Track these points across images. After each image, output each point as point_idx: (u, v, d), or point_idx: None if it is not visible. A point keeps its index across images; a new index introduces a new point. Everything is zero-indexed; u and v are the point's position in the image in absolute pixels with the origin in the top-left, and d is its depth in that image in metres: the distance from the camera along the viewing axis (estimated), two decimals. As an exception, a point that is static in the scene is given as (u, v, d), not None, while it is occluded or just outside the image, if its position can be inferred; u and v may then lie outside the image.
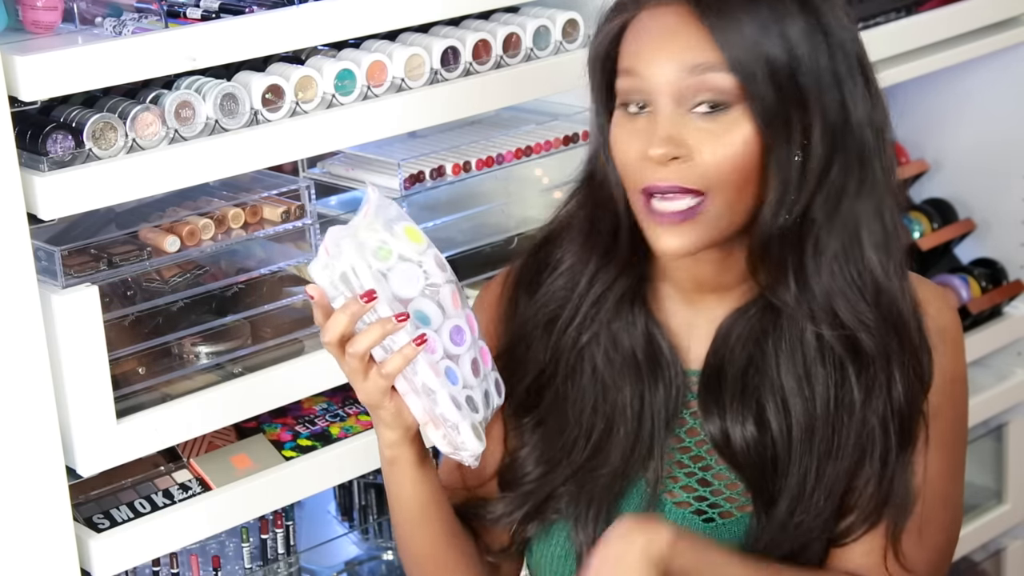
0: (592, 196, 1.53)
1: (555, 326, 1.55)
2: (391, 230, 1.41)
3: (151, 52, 1.63)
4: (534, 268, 1.59)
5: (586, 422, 1.53)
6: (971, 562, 2.79)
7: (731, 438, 1.47)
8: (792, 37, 1.39)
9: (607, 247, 1.51)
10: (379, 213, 1.42)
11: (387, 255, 1.40)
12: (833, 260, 1.44)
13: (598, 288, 1.52)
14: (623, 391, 1.52)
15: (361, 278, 1.38)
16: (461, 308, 1.44)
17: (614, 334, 1.52)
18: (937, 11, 2.44)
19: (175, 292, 1.78)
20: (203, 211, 1.79)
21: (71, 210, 1.61)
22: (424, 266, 1.41)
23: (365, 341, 1.37)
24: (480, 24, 1.95)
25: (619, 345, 1.52)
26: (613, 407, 1.52)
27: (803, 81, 1.39)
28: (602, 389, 1.53)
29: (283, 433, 1.91)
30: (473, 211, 2.02)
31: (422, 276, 1.41)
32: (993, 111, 2.72)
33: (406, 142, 2.03)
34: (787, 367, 1.47)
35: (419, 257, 1.42)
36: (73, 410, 1.63)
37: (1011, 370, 2.74)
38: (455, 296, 1.43)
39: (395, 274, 1.40)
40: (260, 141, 1.73)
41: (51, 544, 1.63)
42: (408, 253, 1.41)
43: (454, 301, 1.43)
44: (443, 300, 1.42)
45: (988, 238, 2.77)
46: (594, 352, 1.53)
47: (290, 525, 1.96)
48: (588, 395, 1.53)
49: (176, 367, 1.79)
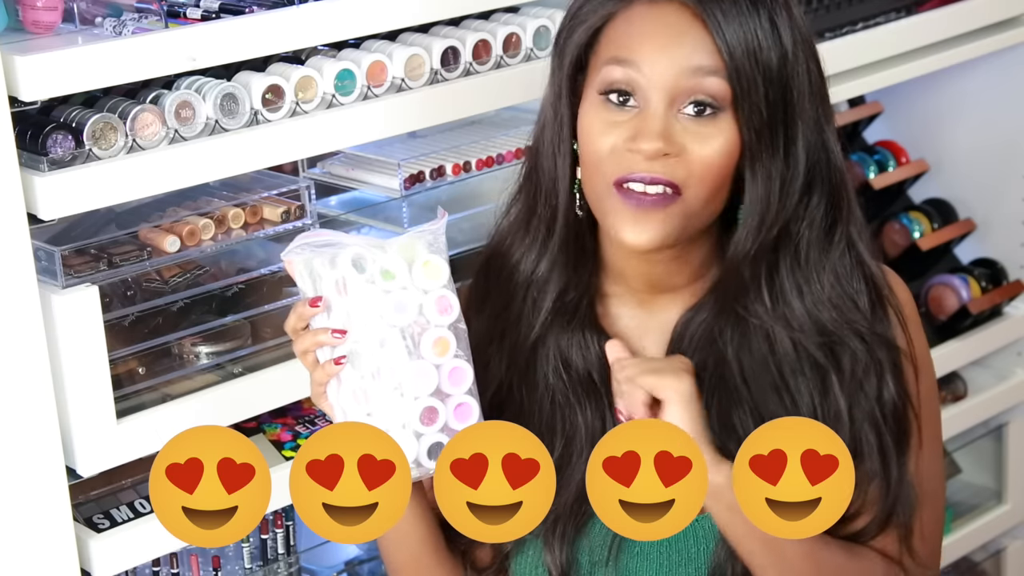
0: (532, 197, 1.53)
1: (506, 337, 1.55)
2: (413, 258, 1.43)
3: (151, 52, 1.63)
4: (483, 285, 1.59)
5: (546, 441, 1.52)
6: (971, 562, 2.79)
7: None
8: (789, 48, 1.40)
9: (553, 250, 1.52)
10: (424, 236, 1.44)
11: (390, 278, 1.42)
12: (819, 271, 1.44)
13: (548, 296, 1.52)
14: (582, 412, 1.52)
15: (322, 282, 1.41)
16: (449, 356, 1.43)
17: (564, 353, 1.52)
18: (937, 11, 2.44)
19: (175, 292, 1.78)
20: (203, 211, 1.79)
21: (71, 210, 1.61)
22: (424, 302, 1.43)
23: (302, 343, 1.44)
24: (480, 24, 1.95)
25: (572, 366, 1.52)
26: (574, 428, 1.52)
27: (793, 95, 1.41)
28: (558, 408, 1.53)
29: (283, 433, 1.91)
30: (473, 211, 2.02)
31: (414, 310, 1.42)
32: (993, 111, 2.72)
33: (406, 142, 2.03)
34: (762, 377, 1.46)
35: (425, 293, 1.43)
36: (73, 410, 1.63)
37: (1011, 370, 2.74)
38: (443, 342, 1.43)
39: (389, 298, 1.42)
40: (260, 141, 1.73)
41: (51, 544, 1.63)
42: (417, 285, 1.43)
43: (438, 346, 1.43)
44: (424, 342, 1.42)
45: (988, 238, 2.77)
46: (544, 368, 1.53)
47: (290, 525, 1.96)
48: (544, 412, 1.53)
49: (176, 367, 1.79)
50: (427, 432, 1.43)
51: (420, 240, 1.44)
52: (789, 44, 1.40)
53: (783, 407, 1.46)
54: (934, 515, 1.54)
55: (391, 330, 1.41)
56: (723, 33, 1.38)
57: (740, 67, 1.38)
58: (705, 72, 1.39)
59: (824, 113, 1.45)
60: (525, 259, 1.54)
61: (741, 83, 1.38)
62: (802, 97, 1.41)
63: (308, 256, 1.43)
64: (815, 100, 1.43)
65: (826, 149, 1.45)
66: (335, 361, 1.41)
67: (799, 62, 1.41)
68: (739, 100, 1.39)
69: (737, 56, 1.38)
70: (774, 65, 1.39)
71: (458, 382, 1.44)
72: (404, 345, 1.41)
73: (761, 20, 1.39)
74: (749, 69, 1.38)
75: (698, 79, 1.39)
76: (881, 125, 2.73)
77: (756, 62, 1.38)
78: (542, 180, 1.52)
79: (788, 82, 1.40)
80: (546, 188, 1.51)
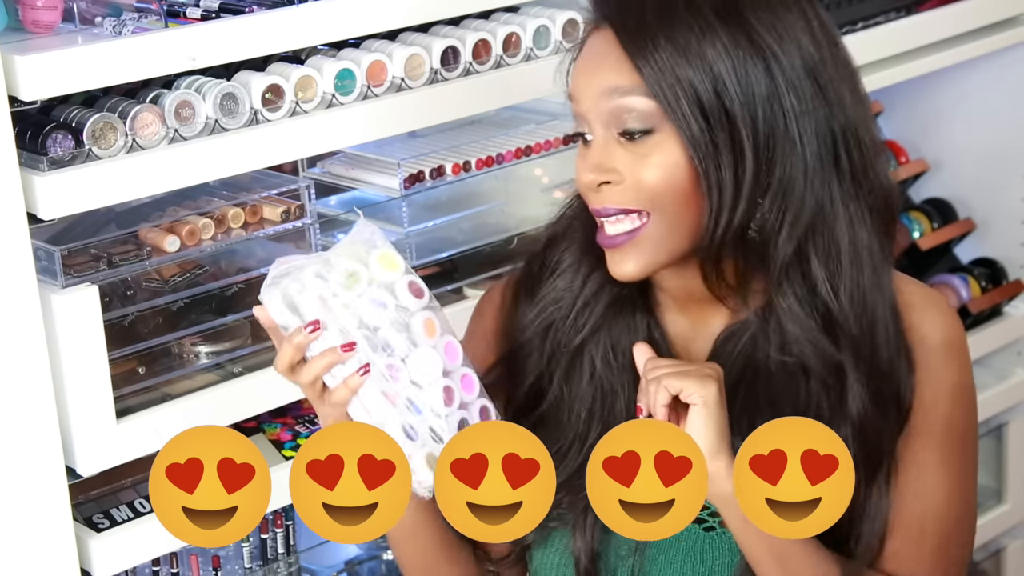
0: None
1: (551, 330, 1.54)
2: (366, 257, 1.40)
3: (151, 52, 1.63)
4: (535, 272, 1.58)
5: (583, 427, 1.52)
6: (971, 562, 2.78)
7: None
8: (712, 56, 1.36)
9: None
10: (358, 237, 1.42)
11: (355, 281, 1.39)
12: (783, 280, 1.42)
13: (594, 288, 1.51)
14: (622, 396, 1.51)
15: (306, 306, 1.38)
16: (438, 336, 1.42)
17: (614, 337, 1.52)
18: (937, 11, 2.44)
19: (175, 292, 1.78)
20: (203, 211, 1.79)
21: (71, 210, 1.61)
22: (396, 293, 1.40)
23: (311, 371, 1.38)
24: (480, 24, 1.95)
25: (619, 349, 1.52)
26: (611, 412, 1.51)
27: (728, 101, 1.37)
28: (600, 394, 1.52)
29: (283, 433, 1.91)
30: (473, 211, 2.02)
31: (391, 302, 1.40)
32: (993, 111, 2.72)
33: (406, 142, 2.03)
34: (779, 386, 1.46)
35: (391, 283, 1.40)
36: (73, 410, 1.63)
37: (1011, 370, 2.74)
38: (430, 323, 1.41)
39: (363, 301, 1.39)
40: (260, 141, 1.73)
41: (51, 544, 1.63)
42: (380, 280, 1.40)
43: (427, 329, 1.41)
44: (414, 328, 1.41)
45: (988, 238, 2.77)
46: (593, 354, 1.52)
47: (290, 525, 1.96)
48: (586, 399, 1.52)
49: (176, 367, 1.79)
50: (451, 412, 1.42)
51: (360, 240, 1.42)
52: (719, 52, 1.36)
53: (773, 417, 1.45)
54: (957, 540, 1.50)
55: (384, 327, 1.40)
56: (638, 51, 1.37)
57: (659, 83, 1.36)
58: (625, 92, 1.38)
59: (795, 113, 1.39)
60: (582, 263, 1.52)
61: (665, 97, 1.37)
62: (748, 103, 1.37)
63: (283, 286, 1.39)
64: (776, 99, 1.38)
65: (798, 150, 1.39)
66: (361, 372, 1.37)
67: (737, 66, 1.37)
68: (667, 114, 1.37)
69: (654, 72, 1.36)
70: (697, 77, 1.36)
71: (454, 357, 1.43)
72: (402, 337, 1.40)
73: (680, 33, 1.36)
74: (669, 84, 1.36)
75: (620, 100, 1.38)
76: (881, 125, 2.73)
77: (674, 75, 1.36)
78: None
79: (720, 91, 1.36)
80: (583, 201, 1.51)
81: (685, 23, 1.37)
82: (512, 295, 1.58)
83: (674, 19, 1.37)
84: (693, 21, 1.37)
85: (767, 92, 1.37)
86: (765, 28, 1.38)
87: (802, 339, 1.44)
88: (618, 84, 1.38)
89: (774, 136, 1.38)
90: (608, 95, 1.39)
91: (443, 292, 1.97)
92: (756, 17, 1.38)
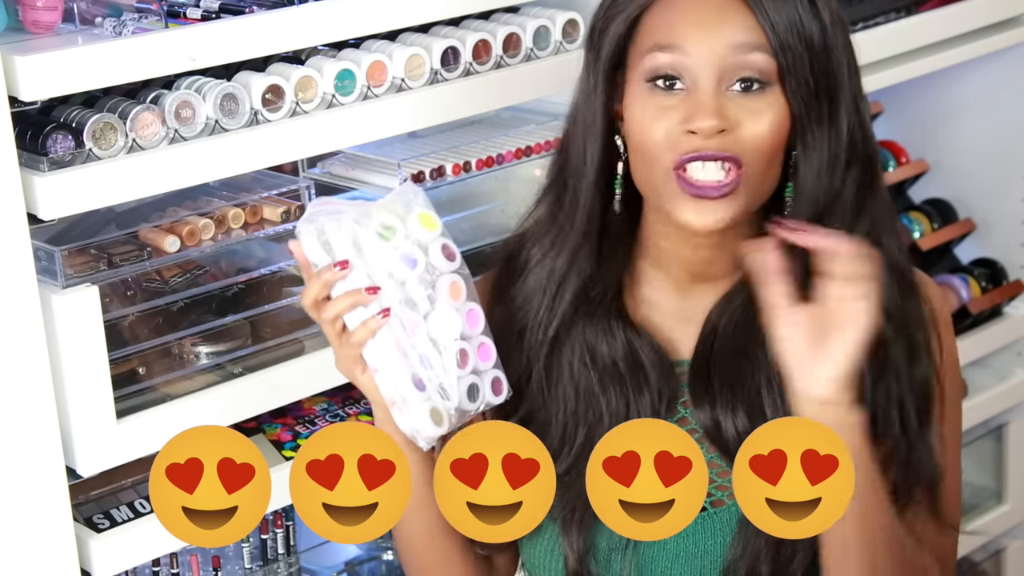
0: (560, 193, 1.54)
1: (525, 333, 1.56)
2: (406, 213, 1.45)
3: (151, 52, 1.64)
4: (506, 276, 1.60)
5: (569, 429, 1.53)
6: (971, 562, 2.79)
7: (722, 427, 1.48)
8: (828, 23, 1.44)
9: (576, 244, 1.52)
10: (400, 196, 1.47)
11: (391, 234, 1.44)
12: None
13: (568, 289, 1.53)
14: (606, 399, 1.52)
15: (339, 246, 1.42)
16: (463, 300, 1.46)
17: (590, 343, 1.54)
18: (937, 11, 2.44)
19: (175, 292, 1.78)
20: (203, 211, 1.79)
21: (71, 210, 1.61)
22: (429, 252, 1.45)
23: (334, 308, 1.43)
24: (480, 24, 1.95)
25: (597, 354, 1.53)
26: (597, 415, 1.52)
27: (835, 68, 1.44)
28: (581, 396, 1.53)
29: (283, 433, 1.91)
30: (473, 211, 2.02)
31: (422, 260, 1.44)
32: (993, 111, 2.72)
33: (406, 142, 2.03)
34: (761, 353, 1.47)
35: (425, 243, 1.45)
36: (73, 410, 1.63)
37: (1011, 370, 2.74)
38: (456, 287, 1.46)
39: (395, 254, 1.43)
40: (260, 141, 1.73)
41: (51, 544, 1.63)
42: (415, 236, 1.45)
43: (452, 292, 1.45)
44: (439, 288, 1.45)
45: (988, 238, 2.77)
46: (570, 358, 1.54)
47: (290, 525, 1.96)
48: (569, 402, 1.54)
49: (176, 367, 1.79)
50: (463, 375, 1.45)
51: (401, 199, 1.47)
52: (827, 19, 1.44)
53: None
54: (954, 484, 1.57)
55: (410, 283, 1.43)
56: (764, 10, 1.42)
57: (784, 41, 1.42)
58: (750, 48, 1.42)
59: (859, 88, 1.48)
60: (548, 255, 1.55)
61: (786, 57, 1.42)
62: (841, 70, 1.45)
63: (320, 224, 1.44)
64: (852, 74, 1.47)
65: (862, 125, 1.48)
66: (382, 314, 1.42)
67: (838, 36, 1.45)
68: (785, 74, 1.42)
69: (780, 30, 1.42)
70: (816, 38, 1.43)
71: (475, 323, 1.47)
72: (425, 295, 1.44)
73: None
74: (793, 43, 1.42)
75: (743, 55, 1.42)
76: (881, 125, 2.73)
77: (799, 36, 1.42)
78: (569, 176, 1.53)
79: (830, 54, 1.44)
80: (573, 185, 1.52)
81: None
82: (486, 299, 1.57)
83: None
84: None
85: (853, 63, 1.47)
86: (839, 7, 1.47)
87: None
88: (745, 41, 1.42)
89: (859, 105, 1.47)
90: (734, 51, 1.42)
91: (443, 292, 1.97)
92: None
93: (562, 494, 1.50)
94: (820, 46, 1.43)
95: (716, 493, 1.51)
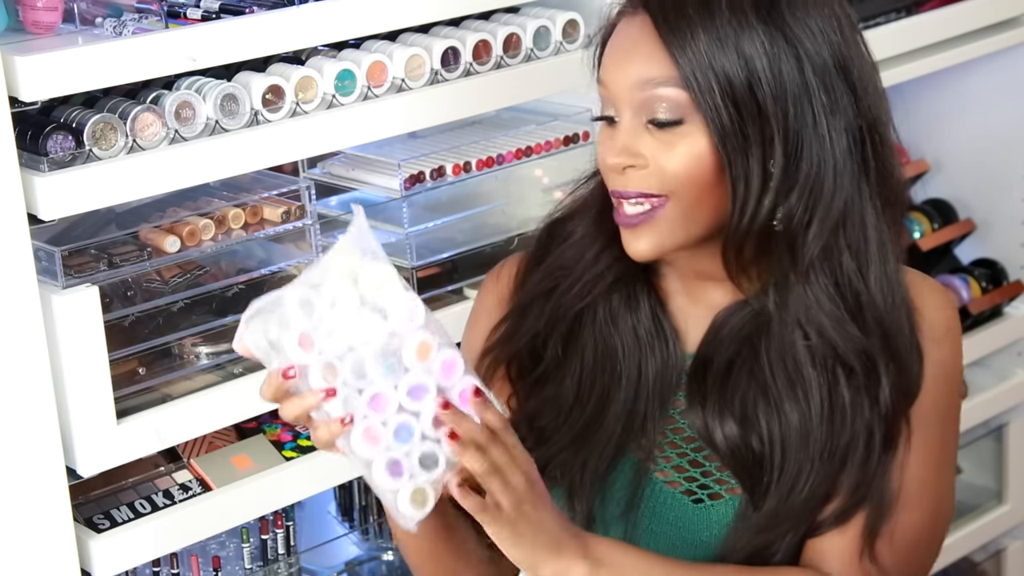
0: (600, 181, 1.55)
1: (554, 293, 1.57)
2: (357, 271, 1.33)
3: (151, 52, 1.64)
4: (546, 242, 1.61)
5: (584, 392, 1.54)
6: (971, 562, 2.79)
7: (712, 433, 1.49)
8: (749, 52, 1.39)
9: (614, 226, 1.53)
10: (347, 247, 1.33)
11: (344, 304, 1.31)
12: (811, 271, 1.44)
13: (604, 260, 1.54)
14: (621, 362, 1.53)
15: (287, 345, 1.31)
16: (434, 353, 1.33)
17: (614, 309, 1.55)
18: (937, 11, 2.44)
19: (175, 292, 1.78)
20: (203, 211, 1.79)
21: (71, 210, 1.62)
22: (388, 315, 1.32)
23: (291, 411, 1.33)
24: (480, 24, 1.95)
25: (619, 319, 1.54)
26: (611, 377, 1.54)
27: (761, 96, 1.40)
28: (600, 359, 1.54)
29: (283, 433, 1.91)
30: (473, 211, 2.02)
31: (382, 329, 1.32)
32: (993, 111, 2.72)
33: (406, 142, 2.03)
34: (779, 369, 1.47)
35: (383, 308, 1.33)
36: (73, 410, 1.63)
37: (1011, 370, 2.74)
38: (424, 347, 1.33)
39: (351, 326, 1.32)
40: (260, 141, 1.73)
41: (51, 544, 1.63)
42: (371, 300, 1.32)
43: (420, 353, 1.33)
44: (407, 353, 1.33)
45: (988, 238, 2.77)
46: (591, 323, 1.55)
47: (290, 525, 1.96)
48: (586, 364, 1.55)
49: (176, 367, 1.79)
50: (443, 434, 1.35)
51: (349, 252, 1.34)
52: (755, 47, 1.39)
53: (795, 399, 1.46)
54: (912, 523, 1.51)
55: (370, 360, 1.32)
56: (676, 42, 1.40)
57: (693, 75, 1.39)
58: (659, 83, 1.41)
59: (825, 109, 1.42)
60: (591, 227, 1.56)
61: (698, 89, 1.39)
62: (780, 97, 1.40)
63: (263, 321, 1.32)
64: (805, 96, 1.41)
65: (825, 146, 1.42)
66: (341, 423, 1.32)
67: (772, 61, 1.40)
68: (698, 105, 1.40)
69: (689, 64, 1.39)
70: (733, 70, 1.39)
71: (450, 373, 1.35)
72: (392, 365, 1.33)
73: (717, 25, 1.39)
74: (704, 77, 1.39)
75: (652, 90, 1.41)
76: (881, 125, 2.73)
77: (710, 67, 1.39)
78: None
79: (754, 85, 1.39)
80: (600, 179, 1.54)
81: (725, 17, 1.39)
82: (524, 265, 1.61)
83: (715, 13, 1.40)
84: (732, 16, 1.39)
85: (799, 89, 1.41)
86: (799, 25, 1.41)
87: (827, 326, 1.45)
88: (653, 75, 1.41)
89: (803, 132, 1.41)
90: (642, 85, 1.42)
91: (443, 293, 1.98)
92: (792, 14, 1.41)
93: (573, 456, 1.52)
94: (739, 76, 1.38)
95: (714, 487, 1.52)
